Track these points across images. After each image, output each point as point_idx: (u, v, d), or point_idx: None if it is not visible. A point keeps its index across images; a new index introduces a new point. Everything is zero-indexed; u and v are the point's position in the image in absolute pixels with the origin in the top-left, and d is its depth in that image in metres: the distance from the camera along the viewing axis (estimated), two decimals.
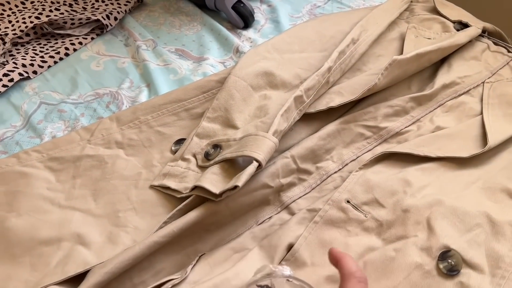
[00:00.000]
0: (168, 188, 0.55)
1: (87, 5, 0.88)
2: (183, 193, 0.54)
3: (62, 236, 0.51)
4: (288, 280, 0.40)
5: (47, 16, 0.81)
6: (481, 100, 0.68)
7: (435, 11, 0.84)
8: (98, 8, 0.86)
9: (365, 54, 0.73)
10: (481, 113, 0.65)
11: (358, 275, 0.40)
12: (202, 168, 0.57)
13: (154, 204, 0.55)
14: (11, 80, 0.71)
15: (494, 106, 0.67)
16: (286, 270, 0.41)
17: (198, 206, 0.51)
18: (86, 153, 0.60)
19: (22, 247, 0.50)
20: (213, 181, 0.51)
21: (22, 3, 0.87)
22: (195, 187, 0.52)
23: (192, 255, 0.50)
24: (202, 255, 0.49)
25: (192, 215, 0.50)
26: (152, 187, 0.56)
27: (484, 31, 0.80)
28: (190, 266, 0.47)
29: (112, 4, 0.88)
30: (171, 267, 0.50)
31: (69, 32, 0.82)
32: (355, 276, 0.40)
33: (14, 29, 0.79)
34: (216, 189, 0.50)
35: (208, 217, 0.51)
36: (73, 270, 0.47)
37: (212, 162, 0.56)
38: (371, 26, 0.75)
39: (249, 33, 0.84)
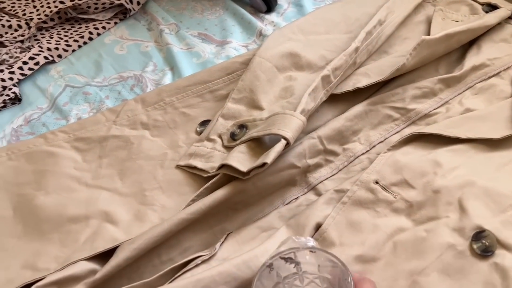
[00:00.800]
0: (195, 167, 0.55)
1: None
2: (209, 172, 0.54)
3: (90, 214, 0.52)
4: (311, 251, 0.39)
5: (71, 0, 0.82)
6: None
7: None
8: None
9: (391, 36, 0.72)
10: None
11: None
12: (228, 148, 0.56)
13: (180, 183, 0.55)
14: (37, 63, 0.72)
15: None
16: (310, 241, 0.40)
17: (225, 185, 0.51)
18: (112, 134, 0.60)
19: (50, 224, 0.51)
20: (240, 159, 0.51)
21: None
22: (222, 166, 0.52)
23: (219, 234, 0.50)
24: (229, 233, 0.49)
25: (219, 193, 0.49)
26: (178, 167, 0.56)
27: None
28: (219, 243, 0.47)
29: None
30: (198, 246, 0.49)
31: (92, 16, 0.82)
32: None
33: (39, 14, 0.80)
34: (243, 167, 0.50)
35: (235, 195, 0.50)
36: (102, 246, 0.48)
37: (238, 142, 0.55)
38: (397, 8, 0.74)
39: (272, 17, 0.83)
